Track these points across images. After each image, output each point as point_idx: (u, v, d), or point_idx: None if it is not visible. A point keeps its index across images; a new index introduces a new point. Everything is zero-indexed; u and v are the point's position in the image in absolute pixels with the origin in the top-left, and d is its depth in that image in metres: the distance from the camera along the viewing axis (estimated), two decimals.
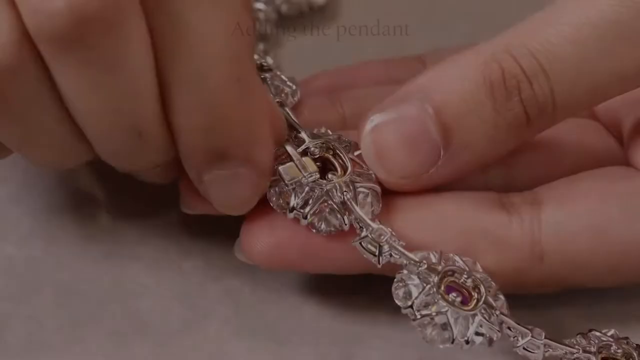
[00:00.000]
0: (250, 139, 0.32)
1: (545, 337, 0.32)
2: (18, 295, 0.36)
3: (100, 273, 0.36)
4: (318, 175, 0.33)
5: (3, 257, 0.37)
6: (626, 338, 0.33)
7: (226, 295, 0.36)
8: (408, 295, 0.31)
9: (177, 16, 0.29)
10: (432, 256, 0.32)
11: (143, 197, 0.39)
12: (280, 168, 0.33)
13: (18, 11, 0.28)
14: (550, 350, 0.31)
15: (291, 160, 0.33)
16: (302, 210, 0.32)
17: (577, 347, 0.31)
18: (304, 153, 0.33)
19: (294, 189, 0.32)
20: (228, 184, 0.32)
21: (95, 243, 0.37)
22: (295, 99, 0.36)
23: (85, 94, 0.29)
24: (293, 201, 0.32)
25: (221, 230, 0.37)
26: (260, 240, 0.33)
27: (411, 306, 0.31)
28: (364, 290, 0.36)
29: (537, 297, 0.35)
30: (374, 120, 0.33)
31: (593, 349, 0.32)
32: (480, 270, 0.32)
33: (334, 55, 0.45)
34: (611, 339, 0.32)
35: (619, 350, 0.32)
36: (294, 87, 0.37)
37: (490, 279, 0.32)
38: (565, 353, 0.31)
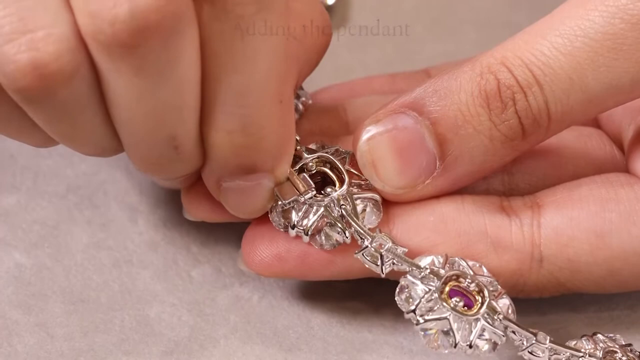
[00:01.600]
0: (280, 155, 0.34)
1: (550, 341, 0.33)
2: (27, 303, 0.38)
3: (109, 281, 0.38)
4: (314, 192, 0.33)
5: (12, 265, 0.38)
6: (629, 345, 0.34)
7: (235, 303, 0.38)
8: (410, 300, 0.32)
9: (231, 32, 0.30)
10: (435, 260, 0.33)
11: (152, 205, 0.39)
12: (277, 188, 0.34)
13: (74, 16, 0.29)
14: (556, 354, 0.32)
15: (287, 179, 0.34)
16: (302, 228, 0.33)
17: (582, 350, 0.32)
18: (301, 169, 0.34)
19: (293, 207, 0.33)
20: (247, 192, 0.34)
21: (104, 251, 0.39)
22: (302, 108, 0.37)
23: (131, 101, 0.31)
24: (293, 219, 0.34)
25: (230, 239, 0.39)
26: (261, 250, 0.35)
27: (414, 311, 0.33)
28: (373, 297, 0.38)
29: (546, 302, 0.37)
30: (370, 130, 0.34)
31: (599, 354, 0.32)
32: (487, 273, 0.33)
33: (338, 60, 0.45)
34: (616, 345, 0.32)
35: (623, 358, 0.32)
36: (304, 97, 0.37)
37: (496, 282, 0.33)
38: (571, 356, 0.32)
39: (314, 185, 0.35)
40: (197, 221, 0.38)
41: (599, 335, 0.34)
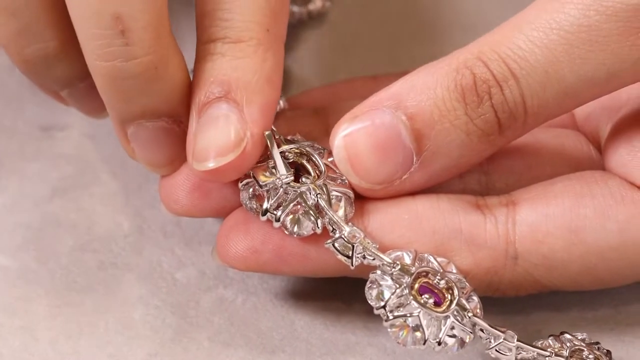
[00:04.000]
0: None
1: (518, 340, 0.34)
2: (12, 306, 0.38)
3: (93, 283, 0.39)
4: (292, 178, 0.34)
5: None
6: (597, 343, 0.34)
7: (219, 305, 0.38)
8: (381, 296, 0.33)
9: None
10: (406, 256, 0.34)
11: (138, 208, 0.40)
12: (253, 171, 0.34)
13: None
14: (523, 352, 0.33)
15: (265, 162, 0.34)
16: (275, 213, 0.33)
17: (549, 350, 0.33)
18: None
19: (267, 191, 0.34)
20: (149, 132, 0.35)
21: (89, 253, 0.39)
22: (277, 108, 0.37)
23: None
24: (266, 203, 0.34)
25: (214, 241, 0.38)
26: (235, 243, 0.35)
27: (384, 307, 0.33)
28: (356, 299, 0.38)
29: (529, 302, 0.37)
30: (347, 127, 0.35)
31: (565, 353, 0.33)
32: (455, 271, 0.34)
33: (328, 63, 0.46)
34: (583, 344, 0.33)
35: (590, 356, 0.33)
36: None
37: (464, 280, 0.34)
38: (537, 356, 0.33)
39: (292, 171, 0.35)
40: (180, 224, 0.39)
41: (566, 335, 0.34)
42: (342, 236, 0.34)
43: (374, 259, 0.34)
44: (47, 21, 0.35)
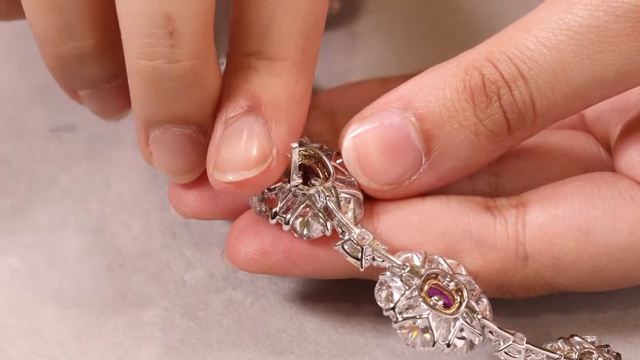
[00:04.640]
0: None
1: (527, 342, 0.34)
2: (21, 307, 0.38)
3: (102, 285, 0.39)
4: (301, 181, 0.34)
5: (5, 270, 0.39)
6: (607, 346, 0.34)
7: (228, 306, 0.38)
8: (390, 297, 0.34)
9: None
10: (415, 258, 0.34)
11: (146, 210, 0.40)
12: None
13: None
14: (532, 355, 0.33)
15: None
16: (284, 216, 0.34)
17: (558, 352, 0.33)
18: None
19: (276, 194, 0.34)
20: (174, 138, 0.35)
21: (97, 255, 0.40)
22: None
23: None
24: (276, 207, 0.34)
25: (223, 243, 0.39)
26: (245, 245, 0.35)
27: (393, 309, 0.33)
28: (366, 301, 0.38)
29: (538, 305, 0.37)
30: (356, 128, 0.35)
31: (575, 356, 0.33)
32: (464, 272, 0.34)
33: (337, 65, 0.46)
34: (592, 346, 0.33)
35: (600, 359, 0.33)
36: None
37: (474, 282, 0.34)
38: (546, 358, 0.33)
39: (301, 174, 0.35)
40: (189, 225, 0.39)
41: (576, 337, 0.34)
42: (352, 238, 0.34)
43: (383, 261, 0.34)
44: (88, 20, 0.35)
